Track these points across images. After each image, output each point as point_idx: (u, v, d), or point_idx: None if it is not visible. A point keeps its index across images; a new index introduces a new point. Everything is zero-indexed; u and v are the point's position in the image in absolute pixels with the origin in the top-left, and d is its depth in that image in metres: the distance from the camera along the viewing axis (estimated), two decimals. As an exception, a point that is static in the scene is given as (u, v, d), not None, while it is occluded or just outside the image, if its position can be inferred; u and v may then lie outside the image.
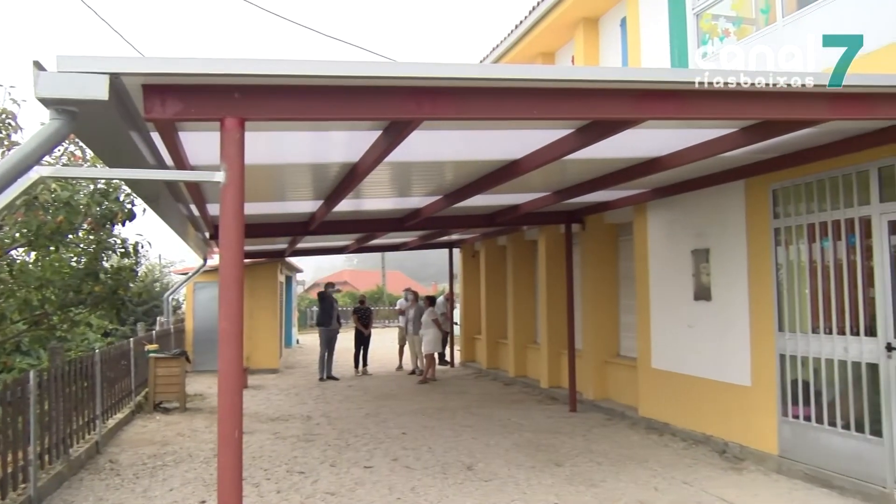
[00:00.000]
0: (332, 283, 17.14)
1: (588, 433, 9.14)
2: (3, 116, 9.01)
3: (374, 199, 8.79)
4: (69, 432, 7.57)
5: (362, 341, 16.66)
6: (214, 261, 14.31)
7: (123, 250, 10.40)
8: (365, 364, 16.58)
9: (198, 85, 3.43)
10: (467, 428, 9.57)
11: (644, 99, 4.13)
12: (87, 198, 9.21)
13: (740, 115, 4.67)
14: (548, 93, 3.98)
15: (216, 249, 10.93)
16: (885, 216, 6.09)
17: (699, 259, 8.55)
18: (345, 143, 5.47)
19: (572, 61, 11.71)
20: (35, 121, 7.20)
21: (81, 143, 9.07)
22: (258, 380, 15.29)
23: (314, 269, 62.22)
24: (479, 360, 17.00)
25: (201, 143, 4.79)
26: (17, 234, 9.14)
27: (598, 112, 4.21)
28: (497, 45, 13.39)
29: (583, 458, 7.77)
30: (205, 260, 14.37)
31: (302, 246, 14.99)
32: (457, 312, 19.15)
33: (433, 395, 12.81)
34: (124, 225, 9.69)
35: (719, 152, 5.91)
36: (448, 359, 18.02)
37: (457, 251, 18.81)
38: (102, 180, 9.41)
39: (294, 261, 23.49)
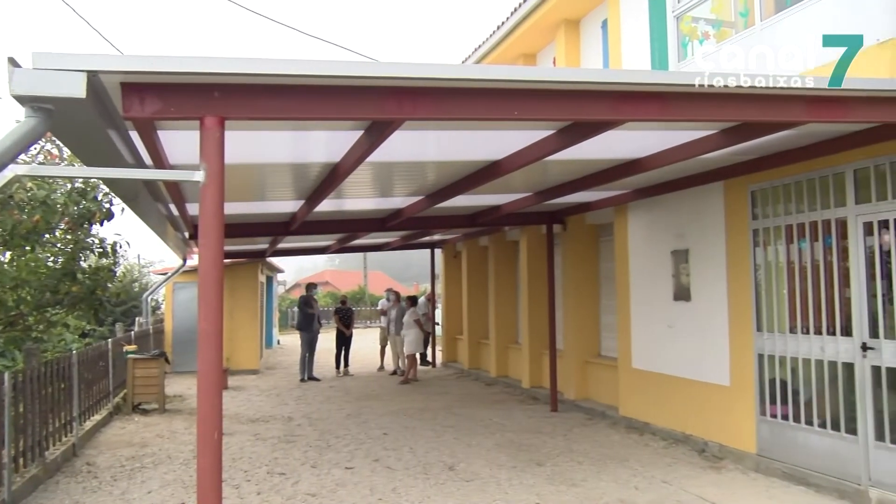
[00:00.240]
0: (313, 284, 17.06)
1: (569, 433, 9.18)
2: None
3: (356, 199, 8.77)
4: (45, 434, 7.46)
5: (344, 342, 16.60)
6: (194, 261, 14.20)
7: (101, 250, 10.31)
8: (346, 365, 16.52)
9: (177, 84, 3.40)
10: (449, 428, 9.58)
11: (624, 100, 4.16)
12: (64, 197, 9.11)
13: (720, 117, 4.72)
14: (529, 94, 4.00)
15: (196, 249, 10.86)
16: (861, 218, 6.18)
17: (679, 260, 8.62)
18: (326, 143, 5.45)
19: (554, 63, 11.76)
20: (10, 118, 7.11)
21: (58, 142, 8.96)
22: (238, 381, 15.18)
23: (295, 270, 62.07)
24: (461, 361, 17.01)
25: (181, 142, 4.75)
26: (-9, 234, 9.02)
27: (578, 113, 4.23)
28: (479, 46, 13.41)
29: (564, 458, 7.80)
30: (184, 260, 14.25)
31: (283, 246, 14.91)
32: (439, 313, 19.15)
33: (415, 396, 12.80)
34: (102, 224, 9.62)
35: (699, 154, 5.96)
36: (430, 359, 18.00)
37: (439, 251, 18.81)
38: (80, 179, 9.32)
39: (275, 261, 23.36)
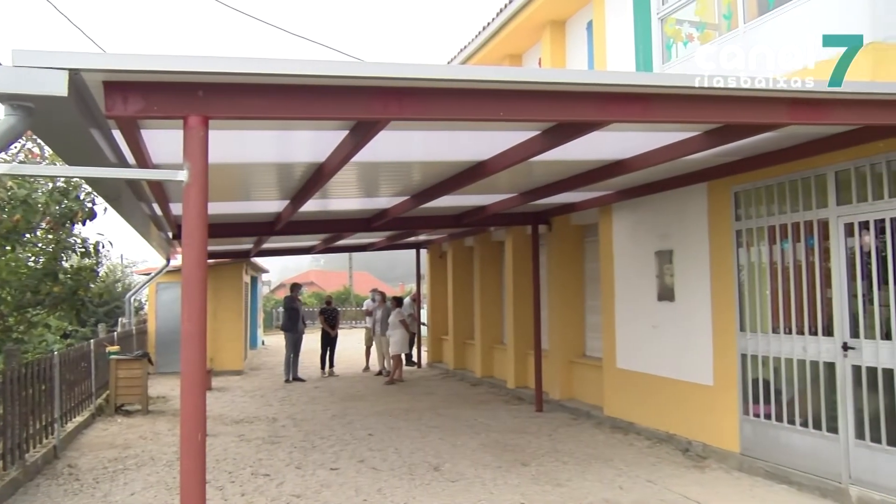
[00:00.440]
0: (298, 285, 17.00)
1: (554, 433, 9.20)
2: None
3: (341, 199, 8.74)
4: (25, 437, 7.38)
5: (329, 342, 16.54)
6: (177, 261, 14.10)
7: (84, 250, 10.21)
8: (331, 365, 16.47)
9: (161, 82, 3.37)
10: (434, 429, 9.57)
11: (609, 102, 4.17)
12: (45, 196, 9.01)
13: (704, 119, 4.75)
14: (514, 94, 4.00)
15: (179, 249, 10.78)
16: (842, 219, 6.25)
17: (663, 260, 8.67)
18: (311, 143, 5.43)
19: (539, 63, 11.79)
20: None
21: (39, 140, 8.87)
22: (222, 381, 15.09)
23: (280, 270, 61.77)
24: (447, 361, 17.01)
25: (164, 142, 4.71)
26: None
27: (563, 114, 4.24)
28: (465, 47, 13.42)
29: (549, 458, 7.82)
30: (168, 260, 14.18)
31: (268, 246, 14.83)
32: (424, 313, 19.14)
33: (400, 396, 12.78)
34: (84, 224, 9.54)
35: (683, 155, 6.00)
36: (415, 360, 17.99)
37: (424, 252, 18.79)
38: (62, 178, 9.21)
39: (260, 261, 23.24)
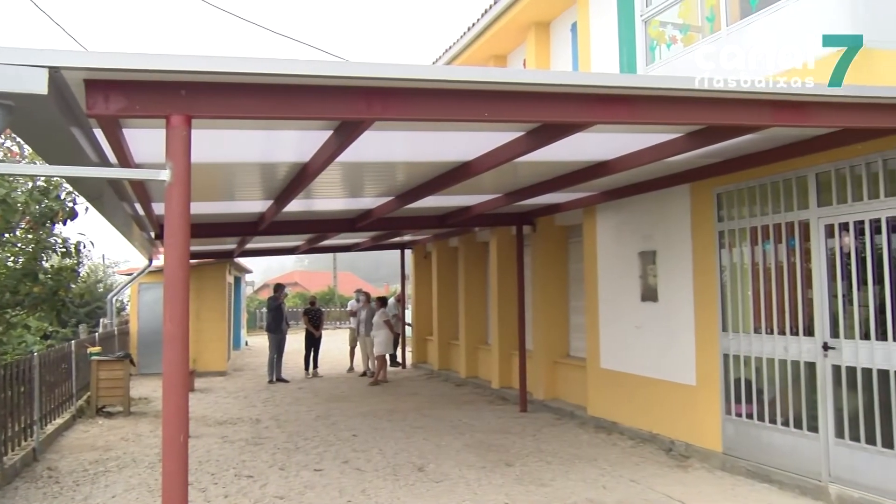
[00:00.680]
0: (281, 285, 16.89)
1: (538, 433, 9.22)
2: None
3: (326, 199, 8.71)
4: (4, 439, 7.27)
5: (313, 343, 16.48)
6: (160, 261, 13.99)
7: (64, 250, 10.10)
8: (315, 366, 16.41)
9: (143, 81, 3.35)
10: (418, 429, 9.57)
11: (593, 103, 4.20)
12: (25, 195, 8.91)
13: (689, 120, 4.78)
14: (498, 95, 4.01)
15: (162, 249, 10.69)
16: (822, 220, 6.32)
17: (646, 261, 8.72)
18: (295, 143, 5.40)
19: (524, 64, 11.82)
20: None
21: (19, 139, 8.77)
22: (205, 383, 14.98)
23: (264, 270, 61.61)
24: (431, 362, 17.00)
25: (146, 141, 4.67)
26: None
27: (548, 115, 4.26)
28: (450, 48, 13.42)
29: (533, 458, 7.84)
30: (150, 260, 14.04)
31: (251, 246, 14.76)
32: (408, 314, 19.12)
33: (384, 397, 12.76)
34: (65, 224, 9.42)
35: (666, 156, 6.04)
36: (400, 360, 17.97)
37: (409, 252, 18.76)
38: (42, 177, 9.11)
39: (243, 261, 23.12)
